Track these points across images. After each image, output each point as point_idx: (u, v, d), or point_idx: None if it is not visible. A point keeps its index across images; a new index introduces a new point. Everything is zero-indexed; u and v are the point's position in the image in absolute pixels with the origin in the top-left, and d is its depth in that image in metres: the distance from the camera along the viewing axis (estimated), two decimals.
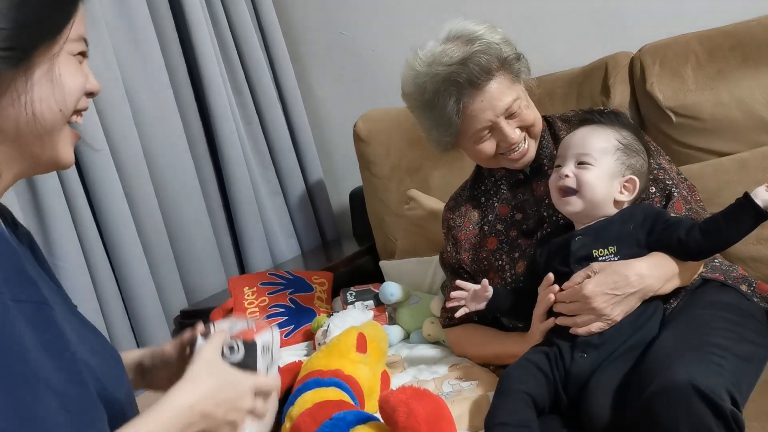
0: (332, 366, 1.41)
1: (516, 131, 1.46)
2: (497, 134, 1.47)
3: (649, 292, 1.26)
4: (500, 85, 1.44)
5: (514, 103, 1.45)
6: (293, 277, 2.13)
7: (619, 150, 1.33)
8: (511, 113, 1.45)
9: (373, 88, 2.54)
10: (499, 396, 1.23)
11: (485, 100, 1.44)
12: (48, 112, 0.78)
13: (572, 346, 1.25)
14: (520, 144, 1.48)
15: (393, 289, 1.90)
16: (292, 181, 2.60)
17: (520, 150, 1.48)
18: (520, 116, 1.46)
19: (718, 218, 1.25)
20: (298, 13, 2.66)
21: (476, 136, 1.47)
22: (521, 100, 1.46)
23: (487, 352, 1.54)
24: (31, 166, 0.82)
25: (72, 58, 0.81)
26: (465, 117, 1.45)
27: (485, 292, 1.38)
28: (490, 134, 1.47)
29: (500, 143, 1.47)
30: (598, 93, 1.94)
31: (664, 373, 1.10)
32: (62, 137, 0.81)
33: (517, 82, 1.48)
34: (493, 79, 1.44)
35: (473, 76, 1.41)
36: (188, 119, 2.32)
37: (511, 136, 1.45)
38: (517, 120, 1.46)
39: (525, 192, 1.54)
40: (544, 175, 1.51)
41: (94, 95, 0.86)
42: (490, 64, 1.42)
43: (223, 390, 0.90)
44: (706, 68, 1.83)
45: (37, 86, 0.77)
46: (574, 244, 1.32)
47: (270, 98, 2.54)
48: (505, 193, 1.57)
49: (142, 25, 2.18)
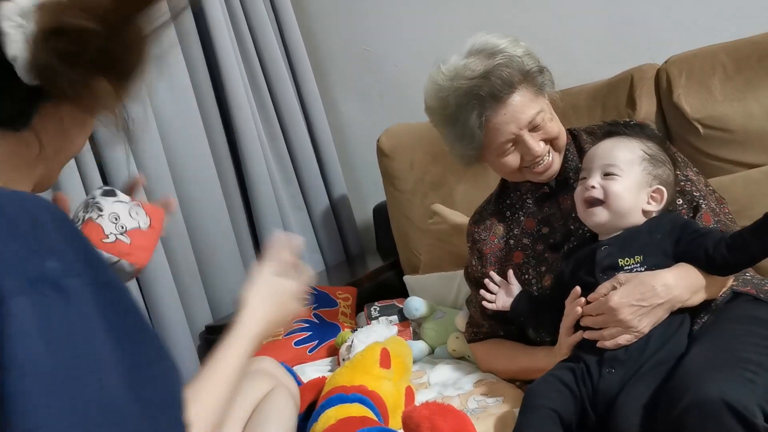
0: (356, 382, 1.40)
1: (540, 144, 1.45)
2: (521, 147, 1.46)
3: (676, 303, 1.24)
4: (523, 98, 1.44)
5: (538, 115, 1.44)
6: (317, 292, 2.12)
7: (645, 160, 1.32)
8: (534, 126, 1.45)
9: (397, 103, 2.55)
10: (524, 413, 1.21)
11: (508, 113, 1.43)
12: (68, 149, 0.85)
13: (599, 361, 1.23)
14: (545, 157, 1.47)
15: (417, 304, 1.89)
16: (316, 196, 2.61)
17: (545, 163, 1.47)
18: (543, 129, 1.46)
19: (744, 233, 1.22)
20: (322, 29, 2.68)
21: (500, 149, 1.47)
22: (545, 113, 1.46)
23: (514, 366, 1.52)
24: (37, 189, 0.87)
25: None
26: (488, 130, 1.45)
27: (511, 284, 1.46)
28: (513, 147, 1.47)
29: (524, 156, 1.47)
30: (624, 105, 1.92)
31: (694, 389, 1.07)
32: None
33: (541, 94, 1.48)
34: (516, 92, 1.43)
35: (495, 90, 1.41)
36: (213, 135, 2.35)
37: (535, 149, 1.45)
38: (540, 133, 1.46)
39: (551, 206, 1.53)
40: (570, 189, 1.50)
41: None
42: (512, 77, 1.42)
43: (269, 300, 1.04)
44: (734, 79, 1.80)
45: None
46: (599, 253, 1.30)
47: (294, 114, 2.56)
48: (531, 206, 1.56)
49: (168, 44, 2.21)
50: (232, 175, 2.41)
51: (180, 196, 2.19)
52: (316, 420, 1.30)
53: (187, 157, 2.23)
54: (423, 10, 2.46)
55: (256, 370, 1.33)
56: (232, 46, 2.38)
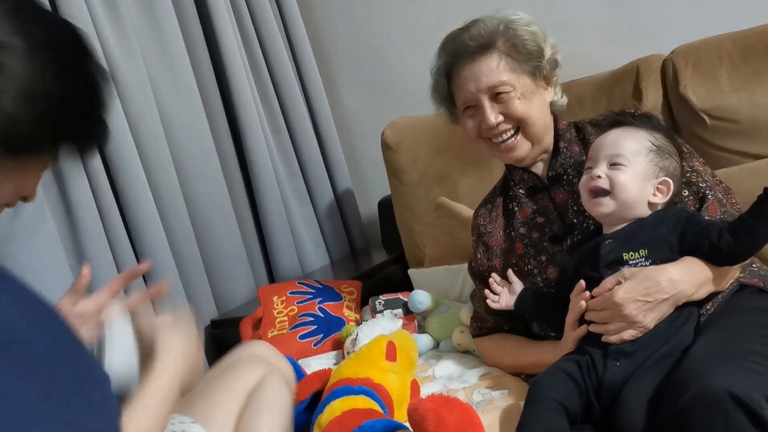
0: (361, 374, 1.40)
1: (495, 115, 1.44)
2: (478, 113, 1.46)
3: (682, 297, 1.23)
4: (493, 63, 1.43)
5: (502, 86, 1.43)
6: (322, 286, 2.12)
7: (652, 152, 1.31)
8: (495, 94, 1.44)
9: (401, 96, 2.54)
10: (529, 405, 1.21)
11: (472, 71, 1.44)
12: None
13: (604, 354, 1.22)
14: (504, 134, 1.46)
15: (422, 297, 1.88)
16: (321, 190, 2.60)
17: (508, 143, 1.46)
18: (506, 103, 1.44)
19: (744, 217, 1.22)
20: (326, 22, 2.68)
21: (461, 108, 1.49)
22: (515, 90, 1.44)
23: (519, 361, 1.51)
24: None
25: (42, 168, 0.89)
26: (452, 84, 1.49)
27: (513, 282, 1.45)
28: (472, 111, 1.47)
29: (480, 124, 1.46)
30: (630, 97, 1.91)
31: (700, 380, 1.06)
32: None
33: (523, 74, 1.45)
34: (488, 56, 1.44)
35: (466, 43, 1.44)
36: (217, 129, 2.35)
37: (489, 118, 1.44)
38: (502, 106, 1.44)
39: (543, 198, 1.52)
40: (562, 184, 1.49)
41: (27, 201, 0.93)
42: (486, 39, 1.43)
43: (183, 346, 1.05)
44: (741, 69, 1.79)
45: None
46: (603, 247, 1.29)
47: (298, 108, 2.55)
48: (522, 197, 1.55)
49: (171, 37, 2.21)
50: (237, 169, 2.41)
51: (184, 190, 2.19)
52: (322, 411, 1.30)
53: (192, 152, 2.23)
54: (428, 3, 2.45)
55: (248, 356, 1.33)
56: (236, 41, 2.38)
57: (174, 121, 2.20)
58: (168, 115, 2.18)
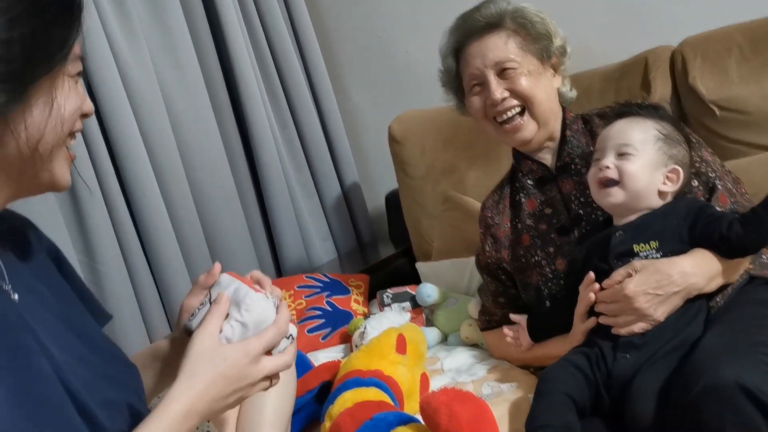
0: (372, 366, 1.40)
1: (504, 92, 1.45)
2: (484, 90, 1.47)
3: (693, 290, 1.23)
4: (500, 40, 1.46)
5: (508, 62, 1.45)
6: (330, 280, 2.13)
7: (660, 140, 1.30)
8: (502, 69, 1.45)
9: (408, 90, 2.54)
10: (538, 397, 1.21)
11: (479, 48, 1.47)
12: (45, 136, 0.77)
13: (614, 346, 1.22)
14: (509, 111, 1.46)
15: (430, 290, 1.88)
16: (328, 183, 2.60)
17: (513, 122, 1.47)
18: (512, 79, 1.45)
19: (756, 209, 1.21)
20: (332, 16, 2.67)
21: (468, 84, 1.50)
22: (521, 66, 1.45)
23: (528, 354, 1.51)
24: (27, 188, 0.81)
25: (69, 80, 0.80)
26: (460, 62, 1.51)
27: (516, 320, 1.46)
28: (479, 89, 1.48)
29: (486, 100, 1.47)
30: (638, 88, 1.90)
31: (710, 373, 1.06)
32: (58, 160, 0.80)
33: (531, 54, 1.47)
34: (495, 34, 1.46)
35: (476, 22, 1.47)
36: (224, 124, 2.35)
37: (494, 93, 1.45)
38: (507, 81, 1.45)
39: (551, 189, 1.52)
40: (570, 174, 1.49)
41: (88, 116, 0.85)
42: (495, 18, 1.46)
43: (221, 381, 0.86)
44: (750, 60, 1.78)
45: (36, 112, 0.76)
46: (614, 239, 1.29)
47: (305, 101, 2.55)
48: (531, 187, 1.55)
49: (178, 32, 2.21)
50: (244, 163, 2.40)
51: (192, 184, 2.19)
52: (333, 402, 1.30)
53: (199, 146, 2.23)
54: None
55: None
56: (243, 36, 2.38)
57: (181, 116, 2.20)
58: (175, 110, 2.18)
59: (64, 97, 0.78)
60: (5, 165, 0.76)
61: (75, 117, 0.80)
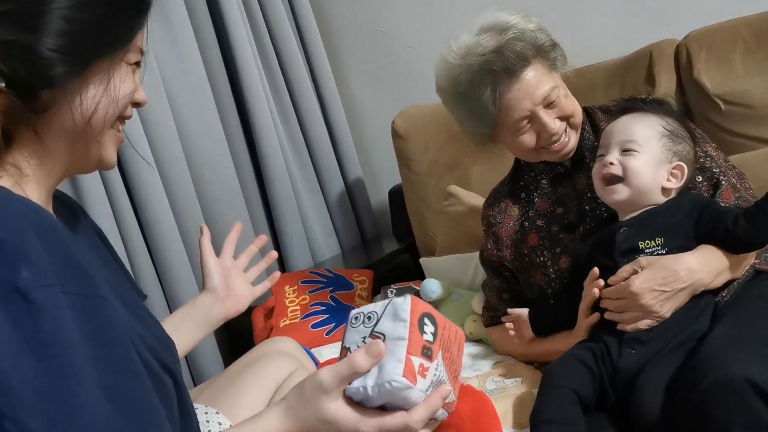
0: None
1: (556, 122, 1.42)
2: (536, 125, 1.43)
3: (699, 287, 1.22)
4: (537, 72, 1.41)
5: (552, 91, 1.41)
6: (333, 275, 2.12)
7: (664, 136, 1.29)
8: (549, 102, 1.41)
9: (411, 84, 2.53)
10: (542, 393, 1.21)
11: (522, 88, 1.40)
12: (99, 116, 0.81)
13: (620, 342, 1.21)
14: (561, 135, 1.44)
15: (434, 286, 1.88)
16: (331, 179, 2.60)
17: (561, 141, 1.44)
18: (559, 106, 1.42)
19: (760, 203, 1.20)
20: (335, 10, 2.67)
21: (515, 127, 1.43)
22: (559, 89, 1.43)
23: (532, 349, 1.51)
24: (77, 165, 0.85)
25: (128, 67, 0.84)
26: (502, 107, 1.42)
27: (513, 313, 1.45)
28: (529, 125, 1.43)
29: (540, 134, 1.43)
30: (643, 82, 1.90)
31: (717, 368, 1.06)
32: (108, 140, 0.85)
33: (554, 70, 1.45)
34: (530, 66, 1.40)
35: (509, 64, 1.38)
36: (227, 119, 2.34)
37: (551, 127, 1.41)
38: (556, 110, 1.42)
39: (566, 186, 1.51)
40: (585, 168, 1.48)
41: (140, 105, 0.89)
42: (526, 51, 1.39)
43: None
44: (755, 54, 1.77)
45: (93, 90, 0.80)
46: (619, 236, 1.28)
47: (308, 97, 2.55)
48: (545, 187, 1.54)
49: (180, 27, 2.21)
50: (247, 159, 2.40)
51: (195, 181, 2.19)
52: None
53: (202, 143, 2.23)
54: None
55: (277, 351, 1.33)
56: (246, 32, 2.37)
57: (184, 113, 2.20)
58: (178, 106, 2.18)
59: (120, 80, 0.82)
60: (61, 133, 0.80)
61: (127, 101, 0.84)
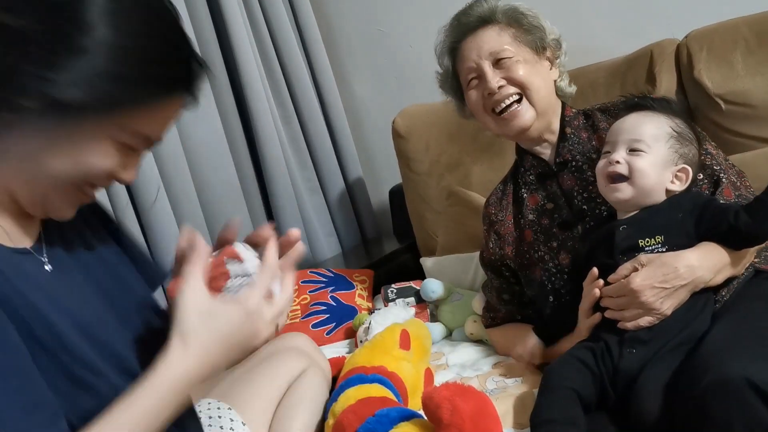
0: (375, 362, 1.40)
1: (498, 80, 1.46)
2: (482, 81, 1.49)
3: (699, 284, 1.22)
4: (493, 33, 1.49)
5: (503, 51, 1.47)
6: (334, 275, 2.12)
7: (672, 138, 1.29)
8: (497, 59, 1.47)
9: (412, 84, 2.53)
10: (543, 393, 1.20)
11: (474, 42, 1.50)
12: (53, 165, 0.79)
13: (620, 341, 1.21)
14: (507, 99, 1.47)
15: (434, 286, 1.88)
16: (332, 179, 2.60)
17: (512, 110, 1.47)
18: (508, 68, 1.47)
19: (761, 197, 1.20)
20: (336, 10, 2.67)
21: (465, 81, 1.52)
22: (516, 56, 1.47)
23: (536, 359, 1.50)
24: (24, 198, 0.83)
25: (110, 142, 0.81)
26: (456, 61, 1.54)
27: None
28: (477, 82, 1.50)
29: (484, 92, 1.48)
30: (643, 82, 1.90)
31: (716, 367, 1.06)
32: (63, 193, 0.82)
33: (525, 45, 1.49)
34: (489, 28, 1.50)
35: (469, 22, 1.51)
36: (228, 119, 2.34)
37: (491, 82, 1.46)
38: (503, 70, 1.47)
39: (552, 184, 1.51)
40: (570, 170, 1.49)
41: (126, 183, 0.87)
42: (486, 13, 1.50)
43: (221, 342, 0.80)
44: (756, 53, 1.77)
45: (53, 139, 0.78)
46: (618, 234, 1.28)
47: (308, 97, 2.55)
48: (533, 182, 1.55)
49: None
50: (248, 159, 2.40)
51: (195, 180, 2.19)
52: (336, 400, 1.30)
53: (203, 142, 2.23)
54: None
55: (289, 348, 1.33)
56: (246, 30, 2.37)
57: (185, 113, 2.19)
58: None
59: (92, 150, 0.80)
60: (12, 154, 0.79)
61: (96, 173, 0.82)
